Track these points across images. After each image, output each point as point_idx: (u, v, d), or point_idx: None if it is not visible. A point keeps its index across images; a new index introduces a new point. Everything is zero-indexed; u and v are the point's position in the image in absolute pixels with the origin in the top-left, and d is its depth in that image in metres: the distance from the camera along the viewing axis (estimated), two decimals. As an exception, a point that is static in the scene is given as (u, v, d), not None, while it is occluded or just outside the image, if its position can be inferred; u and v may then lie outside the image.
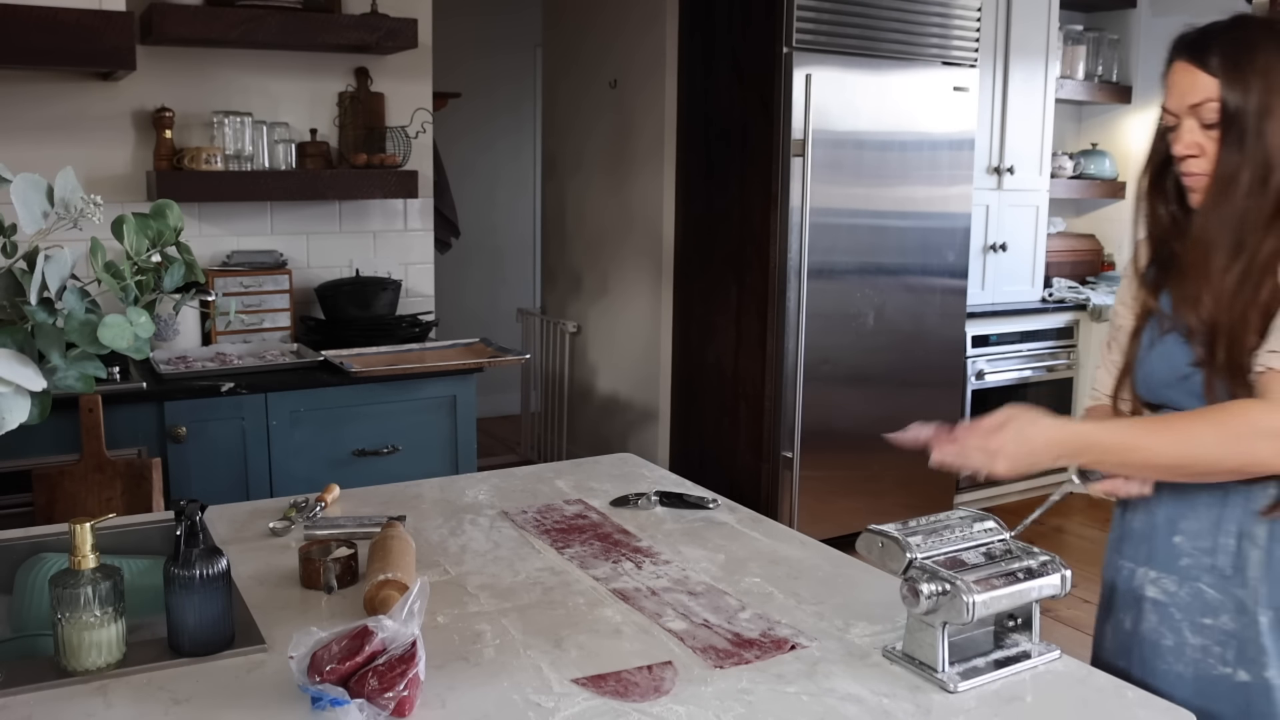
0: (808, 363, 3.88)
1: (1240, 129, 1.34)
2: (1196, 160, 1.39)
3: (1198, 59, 1.37)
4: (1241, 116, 1.34)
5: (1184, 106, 1.39)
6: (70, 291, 1.29)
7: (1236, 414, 1.29)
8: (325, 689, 1.18)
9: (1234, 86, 1.34)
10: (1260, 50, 1.35)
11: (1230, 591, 1.39)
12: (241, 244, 3.37)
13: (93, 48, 2.67)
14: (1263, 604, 1.37)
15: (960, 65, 4.12)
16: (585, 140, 4.81)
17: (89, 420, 2.38)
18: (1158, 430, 1.32)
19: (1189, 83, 1.38)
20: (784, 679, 1.32)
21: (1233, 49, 1.36)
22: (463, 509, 1.95)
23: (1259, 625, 1.37)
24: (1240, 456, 1.28)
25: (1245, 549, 1.38)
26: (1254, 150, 1.34)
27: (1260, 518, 1.37)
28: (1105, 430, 1.35)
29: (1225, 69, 1.35)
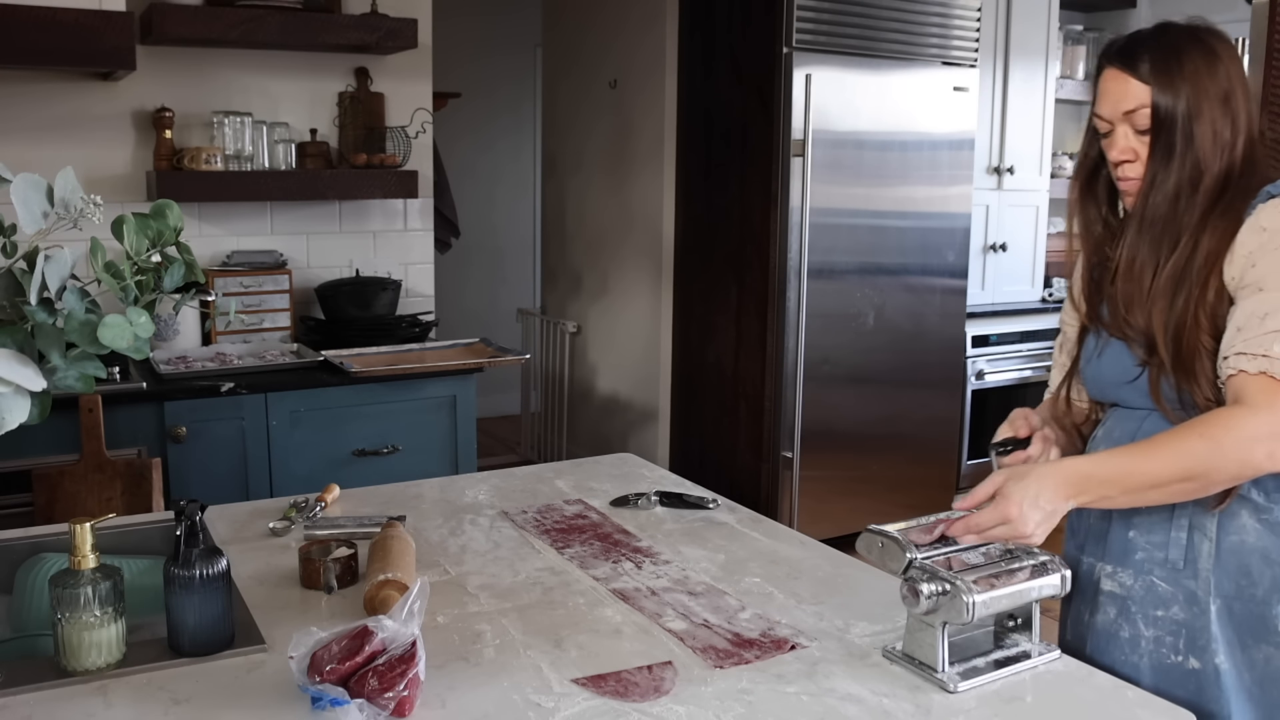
0: (808, 363, 3.88)
1: (1171, 133, 1.39)
2: (1132, 165, 1.44)
3: (1129, 66, 1.42)
4: (1172, 121, 1.39)
5: (1118, 113, 1.43)
6: (70, 291, 1.29)
7: (1222, 423, 1.31)
8: (325, 689, 1.18)
9: (1164, 92, 1.39)
10: (1187, 56, 1.39)
11: (1181, 583, 1.43)
12: (241, 244, 3.37)
13: (93, 48, 2.67)
14: (1213, 593, 1.41)
15: (960, 65, 4.12)
16: (585, 140, 4.81)
17: (89, 420, 2.37)
18: (1150, 452, 1.33)
19: (1121, 90, 1.42)
20: (784, 679, 1.32)
21: (1161, 56, 1.40)
22: (463, 509, 1.95)
23: (1209, 614, 1.41)
24: (1235, 464, 1.29)
25: (1196, 541, 1.42)
26: (1185, 153, 1.39)
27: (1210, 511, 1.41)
28: (1101, 463, 1.36)
29: (1156, 75, 1.40)
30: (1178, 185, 1.39)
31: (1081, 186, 1.55)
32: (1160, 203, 1.40)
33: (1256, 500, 1.39)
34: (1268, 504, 1.38)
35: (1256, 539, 1.39)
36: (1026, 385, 4.66)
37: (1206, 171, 1.38)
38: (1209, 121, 1.38)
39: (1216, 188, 1.39)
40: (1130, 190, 1.45)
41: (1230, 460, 1.29)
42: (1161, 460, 1.31)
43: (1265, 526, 1.38)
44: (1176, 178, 1.39)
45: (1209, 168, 1.38)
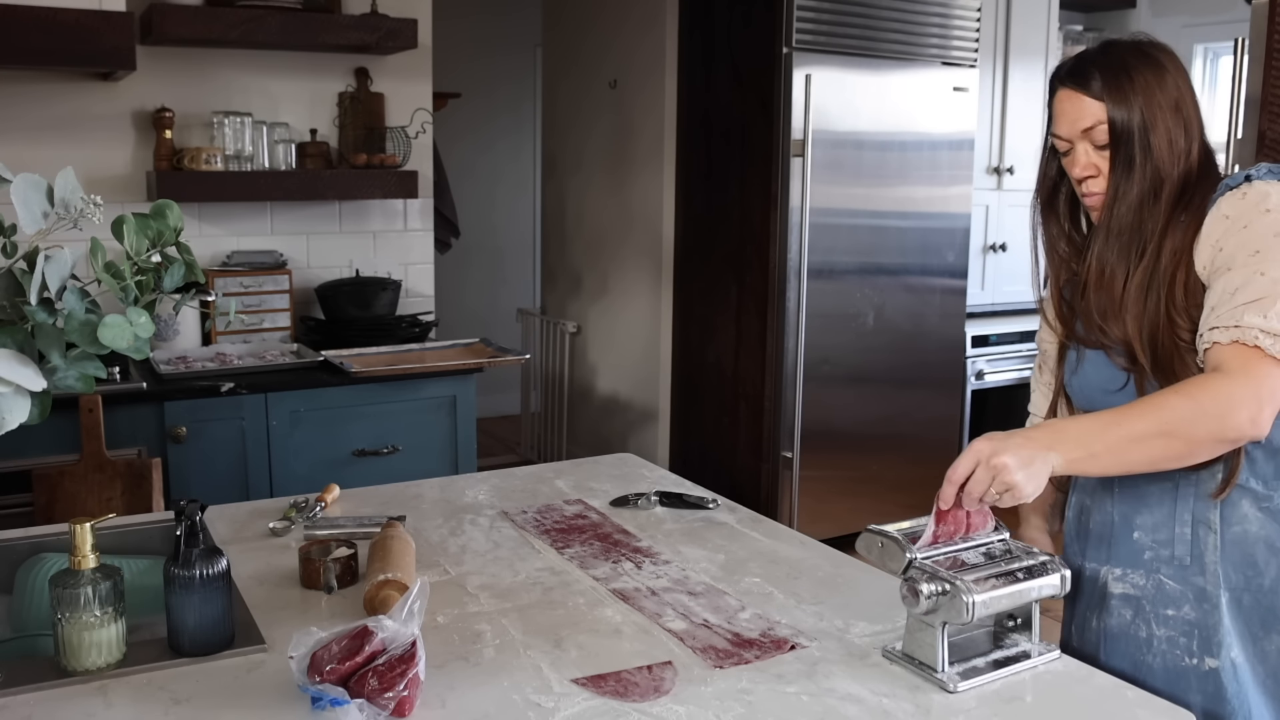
0: (808, 363, 3.88)
1: (1130, 146, 1.42)
2: (1095, 180, 1.47)
3: (1081, 85, 1.45)
4: (1129, 134, 1.42)
5: (1076, 131, 1.46)
6: (70, 291, 1.29)
7: (1199, 383, 1.32)
8: (325, 689, 1.18)
9: (1119, 107, 1.42)
10: (1136, 71, 1.43)
11: (1189, 581, 1.43)
12: (241, 244, 3.37)
13: (93, 48, 2.67)
14: (1222, 586, 1.41)
15: (960, 65, 4.12)
16: (585, 140, 4.81)
17: (89, 420, 2.38)
18: (1128, 410, 1.34)
19: (1077, 109, 1.45)
20: (784, 679, 1.32)
21: (1112, 72, 1.44)
22: (463, 509, 1.95)
23: (1220, 609, 1.41)
24: (1215, 421, 1.29)
25: (1201, 535, 1.43)
26: (1144, 164, 1.42)
27: (1212, 502, 1.41)
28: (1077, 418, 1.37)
29: (1108, 92, 1.43)
30: (1140, 194, 1.42)
31: (1043, 205, 1.58)
32: (1125, 213, 1.43)
33: (1256, 489, 1.39)
34: (1267, 491, 1.39)
35: (1259, 528, 1.39)
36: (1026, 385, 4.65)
37: (1166, 179, 1.42)
38: (1164, 131, 1.41)
39: (1177, 192, 1.42)
40: (1095, 205, 1.48)
41: (1210, 417, 1.29)
42: (1140, 416, 1.32)
43: (1267, 514, 1.39)
44: (1139, 188, 1.42)
45: (1168, 175, 1.42)
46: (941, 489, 1.34)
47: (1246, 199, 1.37)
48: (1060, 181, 1.55)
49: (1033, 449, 1.28)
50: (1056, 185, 1.55)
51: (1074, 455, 1.31)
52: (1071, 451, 1.30)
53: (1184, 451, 1.33)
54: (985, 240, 4.68)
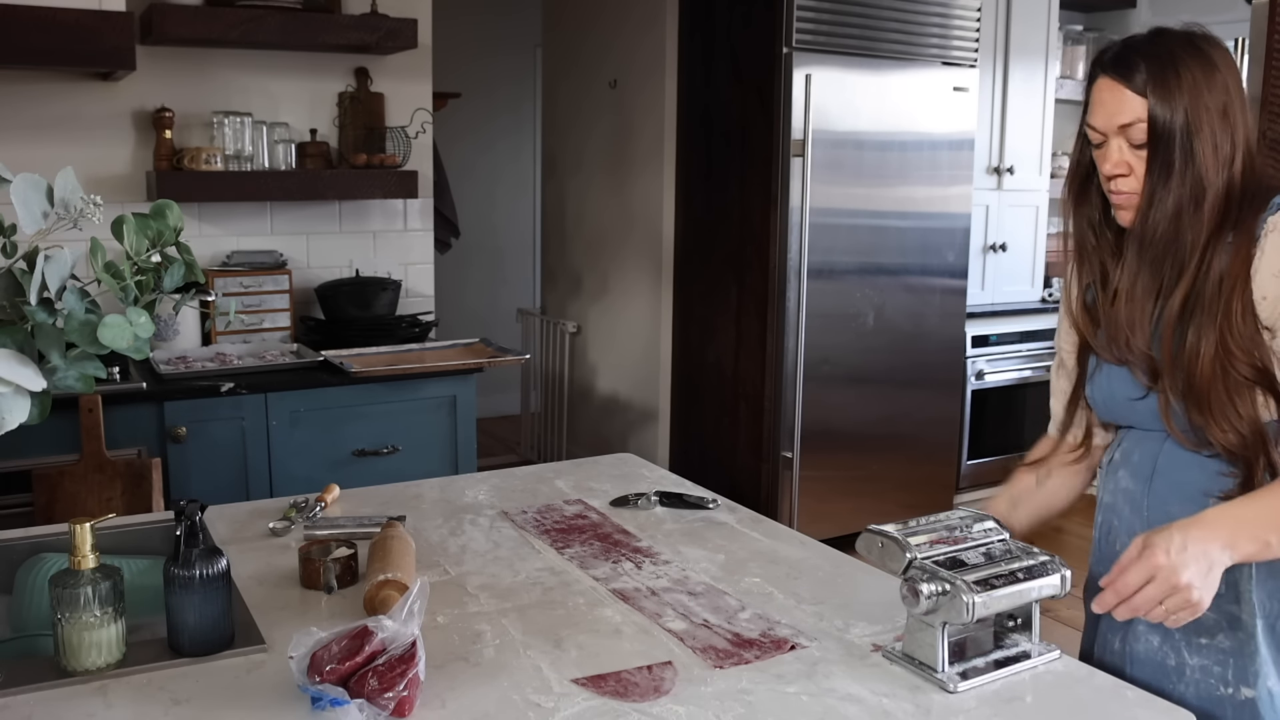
0: (808, 363, 3.88)
1: (1170, 149, 1.32)
2: (1125, 179, 1.37)
3: (1124, 76, 1.35)
4: (1171, 136, 1.32)
5: (1112, 126, 1.36)
6: (70, 291, 1.29)
7: None
8: (325, 689, 1.18)
9: (1163, 106, 1.32)
10: (1185, 67, 1.33)
11: (1224, 609, 1.37)
12: (241, 244, 3.37)
13: (92, 48, 2.67)
14: (1258, 613, 1.36)
15: (960, 65, 4.12)
16: (585, 140, 4.81)
17: (89, 420, 2.38)
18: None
19: (1116, 102, 1.35)
20: (784, 679, 1.32)
21: (1158, 66, 1.33)
22: (463, 509, 1.95)
23: (1256, 638, 1.36)
24: None
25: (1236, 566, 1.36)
26: (1185, 170, 1.32)
27: None
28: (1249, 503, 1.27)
29: (1153, 88, 1.33)
30: (1178, 204, 1.33)
31: (1075, 194, 1.48)
32: (1160, 222, 1.34)
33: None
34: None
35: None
36: (1026, 385, 4.66)
37: (1209, 188, 1.32)
38: (1209, 136, 1.31)
39: (1219, 204, 1.32)
40: (1123, 205, 1.40)
41: None
42: None
43: None
44: (1177, 195, 1.32)
45: (1211, 184, 1.32)
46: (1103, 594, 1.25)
47: None
48: (1093, 171, 1.44)
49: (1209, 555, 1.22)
50: (1090, 175, 1.45)
51: (1249, 550, 1.25)
52: (1247, 546, 1.24)
53: None
54: (985, 240, 4.68)
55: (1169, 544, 1.22)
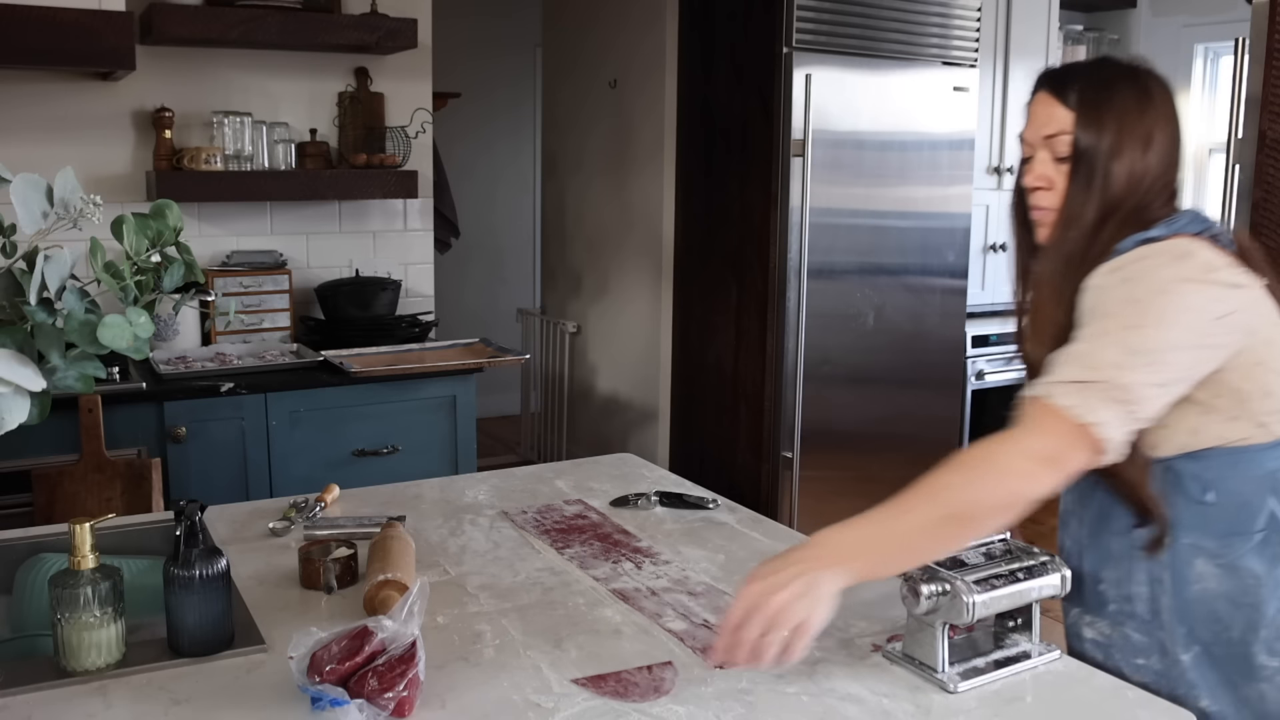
0: (808, 363, 3.88)
1: (1090, 166, 1.37)
2: (1045, 194, 1.42)
3: (1058, 92, 1.40)
4: (1092, 154, 1.37)
5: (1039, 137, 1.42)
6: (70, 291, 1.29)
7: (980, 450, 1.30)
8: (325, 689, 1.18)
9: (1089, 123, 1.37)
10: (1118, 91, 1.37)
11: (1153, 634, 1.41)
12: (241, 244, 3.36)
13: (92, 48, 2.67)
14: (1181, 645, 1.39)
15: (960, 65, 4.12)
16: (585, 140, 4.81)
17: (89, 420, 2.37)
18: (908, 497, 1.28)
19: (1047, 114, 1.41)
20: (784, 679, 1.32)
21: (1092, 86, 1.38)
22: (463, 509, 1.95)
23: (1181, 664, 1.39)
24: (996, 493, 1.26)
25: (1157, 594, 1.41)
26: (1103, 189, 1.37)
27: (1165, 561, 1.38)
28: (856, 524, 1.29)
29: (1082, 104, 1.38)
30: (1093, 222, 1.37)
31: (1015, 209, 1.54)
32: (1076, 237, 1.38)
33: (1209, 547, 1.37)
34: (1221, 549, 1.37)
35: (1218, 584, 1.37)
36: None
37: (1119, 211, 1.37)
38: (1128, 162, 1.36)
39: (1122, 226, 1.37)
40: (1042, 220, 1.44)
41: (987, 489, 1.26)
42: (922, 504, 1.27)
43: (1224, 570, 1.37)
44: (1092, 214, 1.37)
45: (1122, 208, 1.37)
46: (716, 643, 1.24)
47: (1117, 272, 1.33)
48: None
49: (812, 574, 1.21)
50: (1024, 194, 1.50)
51: (861, 565, 1.25)
52: (857, 562, 1.25)
53: (975, 529, 1.29)
54: (985, 240, 4.68)
55: (763, 571, 1.23)
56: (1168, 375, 1.28)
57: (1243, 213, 2.54)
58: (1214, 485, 1.36)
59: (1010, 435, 1.29)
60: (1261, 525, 1.36)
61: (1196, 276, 1.30)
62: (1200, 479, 1.36)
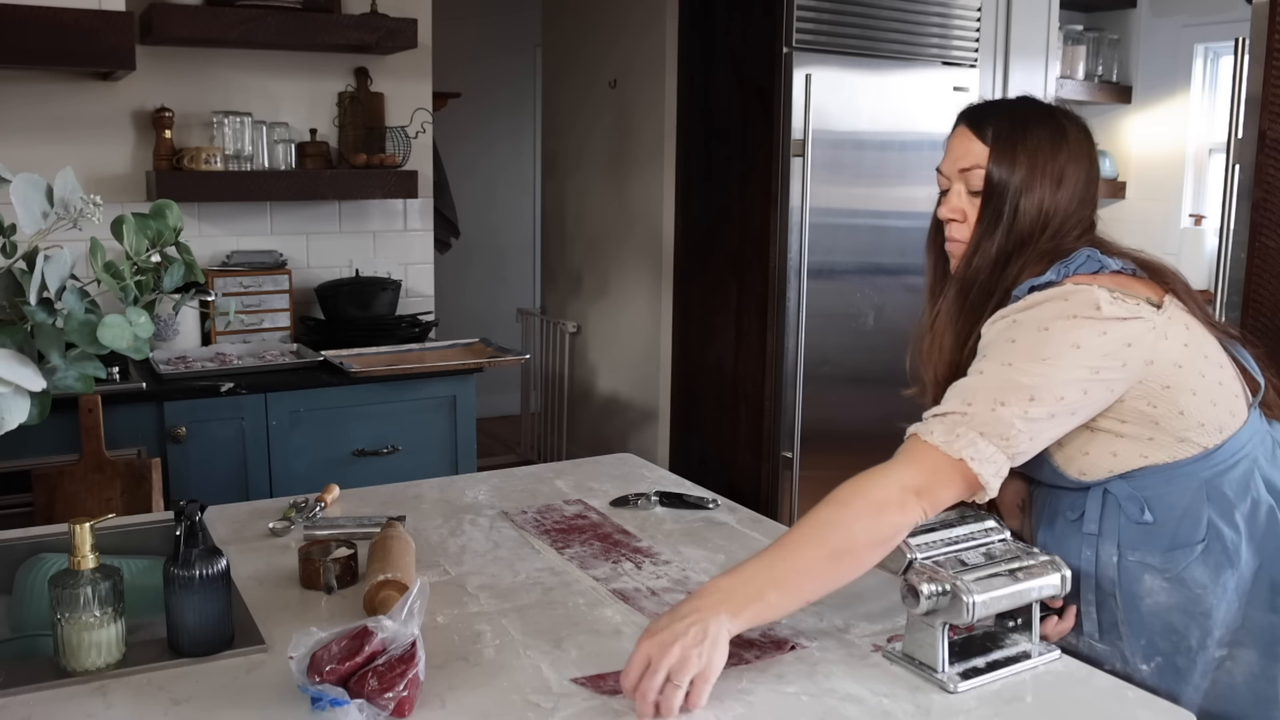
0: (808, 363, 3.88)
1: (1001, 201, 1.40)
2: (959, 225, 1.46)
3: (975, 127, 1.44)
4: (1004, 189, 1.40)
5: (955, 170, 1.45)
6: (70, 291, 1.29)
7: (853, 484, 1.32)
8: (325, 689, 1.18)
9: (1001, 158, 1.40)
10: (1033, 130, 1.41)
11: (1112, 643, 1.44)
12: (241, 244, 3.36)
13: (92, 48, 2.67)
14: (1141, 656, 1.42)
15: (960, 65, 4.12)
16: (585, 140, 4.81)
17: (89, 420, 2.37)
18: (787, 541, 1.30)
19: (964, 148, 1.44)
20: (784, 679, 1.32)
21: (1008, 123, 1.42)
22: (463, 509, 1.95)
23: (1142, 673, 1.42)
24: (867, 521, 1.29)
25: (1110, 610, 1.43)
26: (1011, 225, 1.40)
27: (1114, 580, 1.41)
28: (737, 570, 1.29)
29: (997, 140, 1.41)
30: (998, 254, 1.40)
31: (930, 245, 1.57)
32: (981, 268, 1.41)
33: (1154, 563, 1.39)
34: (1165, 564, 1.39)
35: (1168, 597, 1.39)
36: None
37: (1027, 246, 1.39)
38: (1039, 199, 1.39)
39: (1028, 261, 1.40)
40: (954, 253, 1.47)
41: (862, 519, 1.28)
42: (801, 543, 1.28)
43: (1172, 584, 1.39)
44: (999, 246, 1.40)
45: (1030, 243, 1.39)
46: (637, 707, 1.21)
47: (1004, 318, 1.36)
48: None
49: (701, 622, 1.21)
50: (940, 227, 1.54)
51: (744, 609, 1.25)
52: (738, 607, 1.24)
53: (856, 564, 1.30)
54: (985, 240, 4.67)
55: (654, 627, 1.24)
56: (1044, 410, 1.30)
57: (1243, 213, 2.53)
58: (1150, 504, 1.38)
59: (885, 468, 1.33)
60: (1202, 535, 1.38)
61: (1080, 313, 1.32)
62: (1136, 499, 1.39)
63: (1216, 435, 1.38)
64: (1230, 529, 1.37)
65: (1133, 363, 1.34)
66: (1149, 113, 5.06)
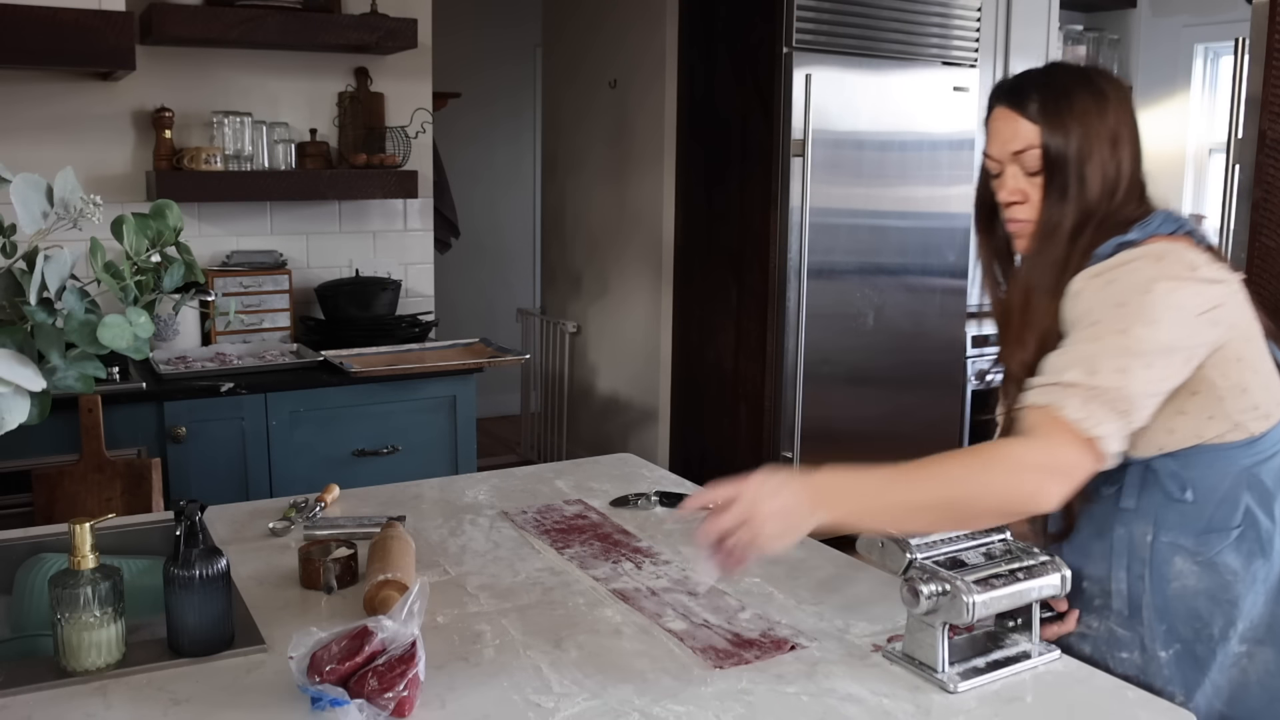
0: (808, 363, 3.88)
1: (1063, 175, 1.38)
2: (1021, 207, 1.43)
3: (1018, 105, 1.41)
4: (1063, 162, 1.38)
5: (1007, 153, 1.42)
6: (70, 291, 1.29)
7: (993, 449, 1.31)
8: (325, 689, 1.18)
9: (1054, 132, 1.38)
10: (1076, 96, 1.39)
11: (1134, 629, 1.43)
12: (241, 244, 3.36)
13: (93, 48, 2.67)
14: (1160, 642, 1.41)
15: (960, 65, 4.12)
16: (585, 140, 4.81)
17: (89, 420, 2.37)
18: (912, 473, 1.30)
19: (1010, 129, 1.41)
20: (784, 679, 1.32)
21: (1051, 96, 1.39)
22: (463, 509, 1.95)
23: (1159, 660, 1.41)
24: (999, 491, 1.28)
25: (1137, 591, 1.42)
26: (1079, 195, 1.38)
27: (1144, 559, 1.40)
28: (856, 477, 1.30)
29: (1045, 115, 1.39)
30: (1071, 228, 1.39)
31: (981, 229, 1.54)
32: (1055, 246, 1.39)
33: (1187, 545, 1.38)
34: (1199, 546, 1.38)
35: (1197, 581, 1.39)
36: (1026, 385, 4.66)
37: (1096, 213, 1.38)
38: (1099, 163, 1.38)
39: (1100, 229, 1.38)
40: (1020, 233, 1.45)
41: (995, 487, 1.28)
42: (923, 483, 1.29)
43: (1203, 568, 1.38)
44: (1070, 220, 1.38)
45: (1098, 209, 1.38)
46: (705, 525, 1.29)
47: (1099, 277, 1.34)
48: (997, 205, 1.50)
49: (799, 505, 1.25)
50: (994, 209, 1.50)
51: (843, 515, 1.27)
52: (841, 511, 1.27)
53: (965, 521, 1.32)
54: (985, 240, 4.67)
55: (766, 480, 1.27)
56: (1161, 378, 1.30)
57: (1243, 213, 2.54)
58: (1192, 484, 1.37)
59: (1023, 442, 1.30)
60: (1238, 521, 1.37)
61: (1178, 274, 1.31)
62: (1179, 478, 1.38)
63: (1264, 422, 1.37)
64: (1266, 518, 1.37)
65: (1221, 324, 1.33)
66: (1149, 113, 5.06)
